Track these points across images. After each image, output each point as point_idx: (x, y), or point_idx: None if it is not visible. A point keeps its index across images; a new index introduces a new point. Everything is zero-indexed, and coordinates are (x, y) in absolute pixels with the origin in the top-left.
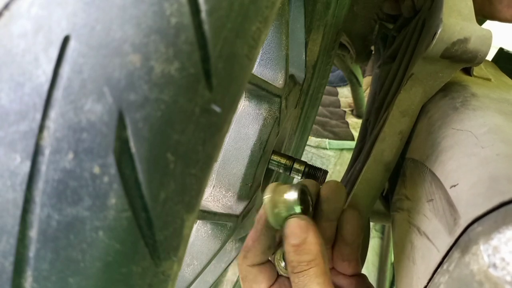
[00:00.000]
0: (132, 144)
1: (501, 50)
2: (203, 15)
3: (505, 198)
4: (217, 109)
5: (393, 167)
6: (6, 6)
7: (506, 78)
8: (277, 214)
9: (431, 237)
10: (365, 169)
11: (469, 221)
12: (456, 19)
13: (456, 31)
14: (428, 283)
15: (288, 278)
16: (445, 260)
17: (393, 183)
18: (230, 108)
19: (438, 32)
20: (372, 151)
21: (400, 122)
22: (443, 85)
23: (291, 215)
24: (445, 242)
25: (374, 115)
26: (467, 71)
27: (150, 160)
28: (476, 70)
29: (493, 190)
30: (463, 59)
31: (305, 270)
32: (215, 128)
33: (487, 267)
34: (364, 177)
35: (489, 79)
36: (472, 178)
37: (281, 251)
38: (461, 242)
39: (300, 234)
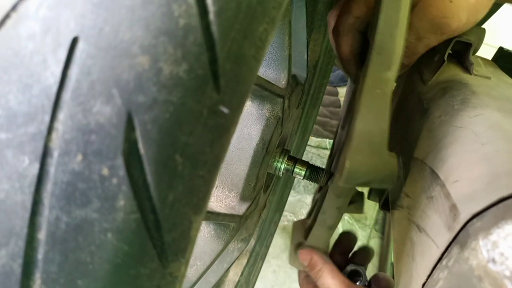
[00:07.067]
0: (140, 145)
1: (501, 49)
2: (211, 16)
3: (504, 193)
4: (225, 110)
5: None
6: (14, 8)
7: (505, 77)
8: None
9: (431, 233)
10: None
11: (468, 216)
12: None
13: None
14: (427, 279)
15: None
16: (444, 256)
17: None
18: (237, 109)
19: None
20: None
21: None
22: (443, 84)
23: None
24: (444, 238)
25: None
26: (467, 70)
27: (158, 162)
28: (476, 69)
29: (492, 185)
30: None
31: (319, 275)
32: (222, 129)
33: (486, 262)
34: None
35: (488, 78)
36: (472, 175)
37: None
38: (460, 238)
39: (305, 258)
